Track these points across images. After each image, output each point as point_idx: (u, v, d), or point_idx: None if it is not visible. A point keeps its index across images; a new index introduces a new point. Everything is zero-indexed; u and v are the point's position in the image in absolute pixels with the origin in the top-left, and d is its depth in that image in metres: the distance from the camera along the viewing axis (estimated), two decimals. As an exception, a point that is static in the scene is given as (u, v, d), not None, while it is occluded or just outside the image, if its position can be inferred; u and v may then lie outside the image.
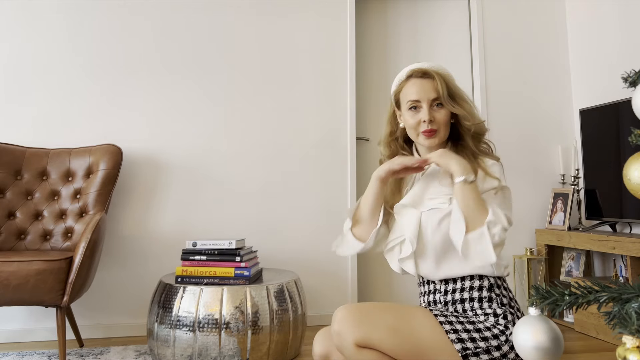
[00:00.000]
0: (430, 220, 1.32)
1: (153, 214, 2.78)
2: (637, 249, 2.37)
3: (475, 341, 1.20)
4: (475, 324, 1.24)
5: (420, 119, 1.36)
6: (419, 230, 1.32)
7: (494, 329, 1.23)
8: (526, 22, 3.36)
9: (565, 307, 1.13)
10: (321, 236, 2.95)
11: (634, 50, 2.83)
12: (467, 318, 1.26)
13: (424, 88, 1.36)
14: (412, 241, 1.33)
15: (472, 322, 1.24)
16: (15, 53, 2.70)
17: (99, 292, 2.66)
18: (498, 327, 1.23)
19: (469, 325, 1.23)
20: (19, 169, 2.53)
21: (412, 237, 1.33)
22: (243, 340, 2.07)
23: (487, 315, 1.26)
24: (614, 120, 2.80)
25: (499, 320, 1.24)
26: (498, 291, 1.29)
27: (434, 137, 1.36)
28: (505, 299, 1.29)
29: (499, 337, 1.22)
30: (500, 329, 1.23)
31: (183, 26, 2.92)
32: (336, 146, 3.05)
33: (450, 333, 1.21)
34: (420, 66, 1.41)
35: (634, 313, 0.92)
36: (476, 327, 1.23)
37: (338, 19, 3.12)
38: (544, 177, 3.27)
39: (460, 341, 1.20)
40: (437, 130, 1.36)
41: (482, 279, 1.30)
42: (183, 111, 2.88)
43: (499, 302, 1.28)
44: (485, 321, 1.25)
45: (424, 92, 1.36)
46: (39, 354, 2.32)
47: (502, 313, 1.25)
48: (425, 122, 1.35)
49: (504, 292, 1.30)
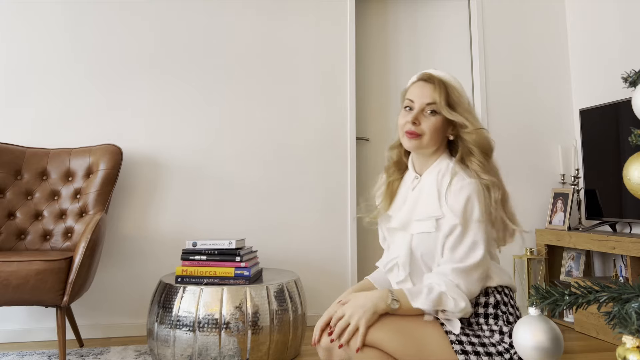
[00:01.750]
0: (420, 245, 1.31)
1: (153, 214, 2.78)
2: (637, 249, 2.37)
3: (479, 355, 1.20)
4: (481, 337, 1.24)
5: (407, 120, 1.34)
6: (410, 254, 1.32)
7: (499, 345, 1.22)
8: (526, 22, 3.36)
9: (565, 307, 1.13)
10: (321, 236, 2.95)
11: (634, 50, 2.83)
12: (473, 331, 1.25)
13: (423, 91, 1.35)
14: (404, 266, 1.33)
15: (478, 336, 1.24)
16: (15, 53, 2.70)
17: (99, 292, 2.66)
18: (503, 345, 1.23)
19: (474, 338, 1.23)
20: (19, 169, 2.53)
21: (404, 263, 1.33)
22: (243, 340, 2.07)
23: (493, 332, 1.25)
24: (614, 120, 2.80)
25: (504, 338, 1.24)
26: (504, 308, 1.28)
27: (415, 139, 1.33)
28: (512, 317, 1.28)
29: (504, 355, 1.21)
30: (506, 347, 1.22)
31: (183, 26, 2.92)
32: (336, 146, 3.05)
33: (455, 344, 1.20)
34: (429, 71, 1.40)
35: (634, 313, 0.92)
36: (481, 342, 1.22)
37: (338, 19, 3.12)
38: (544, 177, 3.27)
39: (464, 353, 1.20)
40: (420, 135, 1.32)
41: (488, 296, 1.29)
42: (183, 111, 2.88)
43: (505, 319, 1.27)
44: (491, 337, 1.24)
45: (421, 96, 1.34)
46: (39, 354, 2.32)
47: (508, 331, 1.24)
48: (409, 123, 1.33)
49: (510, 310, 1.29)
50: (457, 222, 1.24)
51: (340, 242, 2.99)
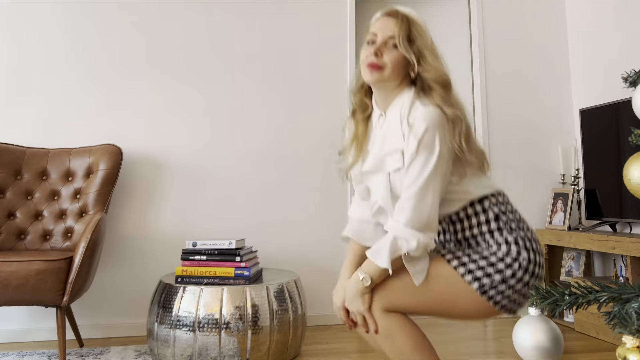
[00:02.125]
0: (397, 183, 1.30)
1: (153, 214, 2.78)
2: (637, 249, 2.36)
3: (490, 276, 1.22)
4: (488, 258, 1.25)
5: (369, 52, 1.31)
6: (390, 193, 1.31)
7: (507, 258, 1.24)
8: (526, 22, 3.36)
9: (565, 307, 1.13)
10: (321, 236, 2.95)
11: (634, 50, 2.83)
12: (479, 253, 1.27)
13: (386, 24, 1.32)
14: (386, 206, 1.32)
15: (485, 257, 1.25)
16: (15, 53, 2.70)
17: (99, 292, 2.66)
18: (511, 256, 1.24)
19: (482, 261, 1.24)
20: (19, 169, 2.53)
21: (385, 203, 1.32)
22: (243, 340, 2.07)
23: (500, 245, 1.26)
24: (614, 120, 2.80)
25: (511, 248, 1.25)
26: (505, 217, 1.30)
27: (376, 71, 1.29)
28: (513, 224, 1.30)
29: (513, 266, 1.23)
30: (514, 257, 1.24)
31: (183, 26, 2.92)
32: (336, 146, 3.03)
33: (466, 275, 1.23)
34: (393, 6, 1.37)
35: (634, 313, 0.92)
36: (490, 262, 1.24)
37: (338, 20, 3.12)
38: (544, 177, 3.27)
39: (476, 280, 1.22)
40: (382, 68, 1.29)
41: (486, 212, 1.29)
42: (183, 111, 2.88)
43: (509, 228, 1.28)
44: (498, 251, 1.26)
45: (384, 29, 1.32)
46: (39, 354, 2.32)
47: (513, 240, 1.26)
48: (371, 55, 1.30)
49: (510, 217, 1.31)
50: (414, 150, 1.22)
51: (340, 241, 2.98)
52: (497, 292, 1.22)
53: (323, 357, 2.31)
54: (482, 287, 1.22)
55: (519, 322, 2.18)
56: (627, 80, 2.03)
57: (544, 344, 2.08)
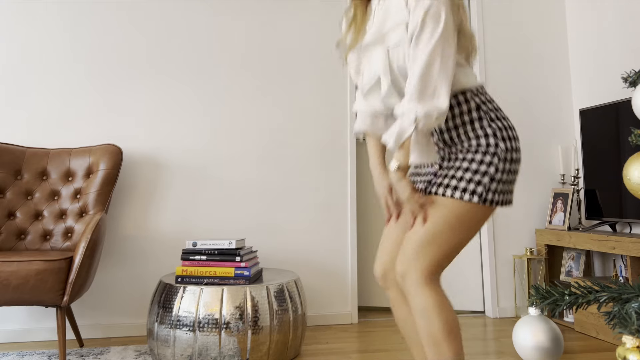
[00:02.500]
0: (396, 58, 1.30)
1: (153, 214, 2.78)
2: (637, 249, 2.37)
3: (480, 183, 1.25)
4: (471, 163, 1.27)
5: None
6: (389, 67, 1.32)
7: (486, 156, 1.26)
8: (526, 22, 3.36)
9: (565, 307, 1.13)
10: (321, 236, 2.95)
11: (634, 50, 2.83)
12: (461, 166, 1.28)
13: None
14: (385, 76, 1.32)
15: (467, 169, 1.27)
16: (14, 53, 2.71)
17: (99, 292, 2.66)
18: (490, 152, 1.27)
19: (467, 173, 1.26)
20: (19, 169, 2.53)
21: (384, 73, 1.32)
22: (243, 340, 2.07)
23: (479, 138, 1.28)
24: (614, 120, 2.80)
25: (489, 140, 1.27)
26: (485, 107, 1.32)
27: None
28: (492, 114, 1.31)
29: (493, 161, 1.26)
30: (492, 152, 1.26)
31: (183, 26, 2.92)
32: (336, 146, 3.05)
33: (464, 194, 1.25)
34: None
35: (634, 313, 0.92)
36: (474, 169, 1.26)
37: (338, 19, 3.11)
38: (543, 177, 3.27)
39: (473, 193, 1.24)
40: None
41: (468, 102, 1.31)
42: (183, 111, 2.88)
43: (488, 118, 1.30)
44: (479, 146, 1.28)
45: None
46: (39, 354, 2.32)
47: (491, 133, 1.28)
48: None
49: (489, 106, 1.33)
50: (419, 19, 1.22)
51: (340, 241, 2.99)
52: (493, 193, 1.25)
53: (323, 357, 2.31)
54: (480, 196, 1.24)
55: (519, 322, 2.18)
56: (627, 80, 2.04)
57: (544, 344, 2.08)
